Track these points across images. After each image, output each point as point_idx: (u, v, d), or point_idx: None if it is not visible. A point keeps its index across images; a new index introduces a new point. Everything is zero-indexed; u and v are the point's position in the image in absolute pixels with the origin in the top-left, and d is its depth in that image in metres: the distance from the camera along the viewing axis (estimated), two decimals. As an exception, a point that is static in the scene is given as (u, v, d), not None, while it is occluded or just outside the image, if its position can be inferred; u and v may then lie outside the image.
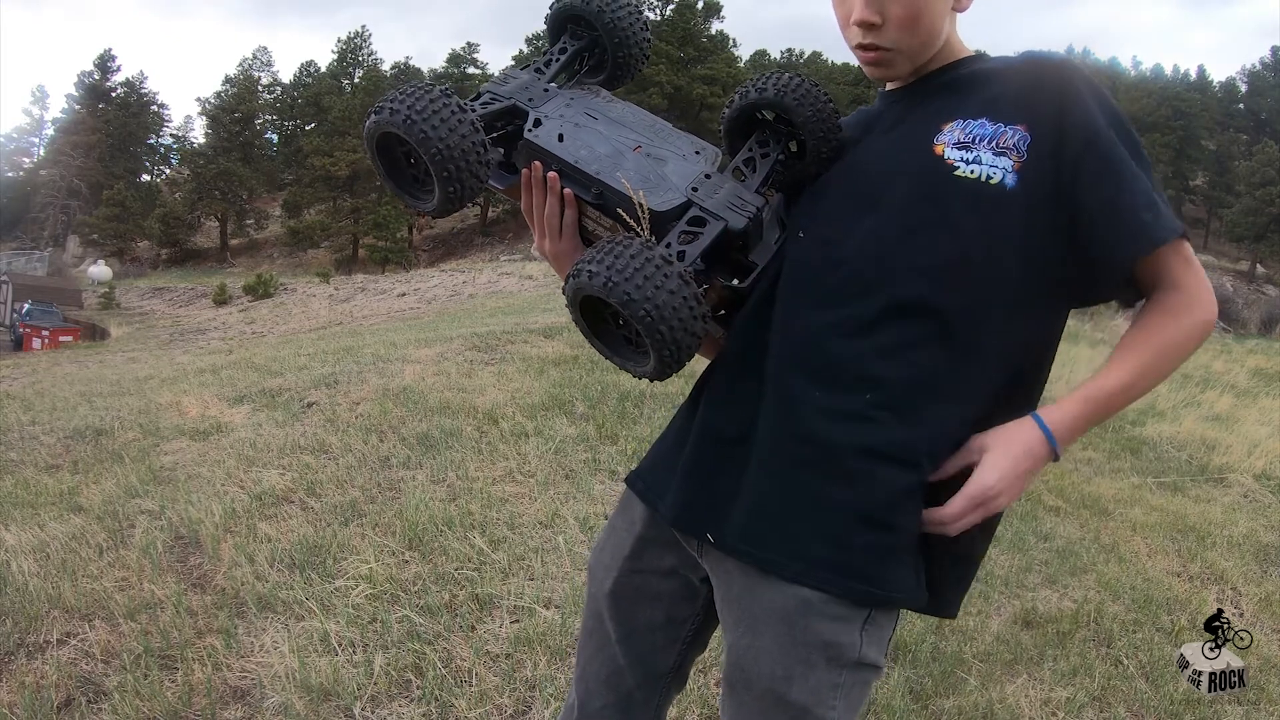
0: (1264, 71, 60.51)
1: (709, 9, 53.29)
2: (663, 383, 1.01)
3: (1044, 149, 0.94)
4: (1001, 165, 0.94)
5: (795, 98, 1.04)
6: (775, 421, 0.97)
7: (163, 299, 33.72)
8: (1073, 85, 0.95)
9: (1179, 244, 0.96)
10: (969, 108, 0.98)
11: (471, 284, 23.25)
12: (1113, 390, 0.97)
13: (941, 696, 2.30)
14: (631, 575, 1.12)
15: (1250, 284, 42.90)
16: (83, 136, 52.89)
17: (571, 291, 0.92)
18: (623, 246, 0.88)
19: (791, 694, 0.93)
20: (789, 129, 1.08)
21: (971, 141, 0.96)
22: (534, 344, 6.35)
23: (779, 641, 0.94)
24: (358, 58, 60.45)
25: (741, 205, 0.99)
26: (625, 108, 1.10)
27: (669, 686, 1.17)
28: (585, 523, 3.07)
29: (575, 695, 1.19)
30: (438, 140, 0.89)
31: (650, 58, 1.20)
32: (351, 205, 47.38)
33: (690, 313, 0.88)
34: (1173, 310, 0.97)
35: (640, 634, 1.13)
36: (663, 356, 0.89)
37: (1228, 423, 7.73)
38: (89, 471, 3.63)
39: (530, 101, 1.06)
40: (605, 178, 0.98)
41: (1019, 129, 0.95)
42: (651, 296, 0.85)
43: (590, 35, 1.14)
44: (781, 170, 1.10)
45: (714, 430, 1.04)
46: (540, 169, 1.03)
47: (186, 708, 1.94)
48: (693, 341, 0.90)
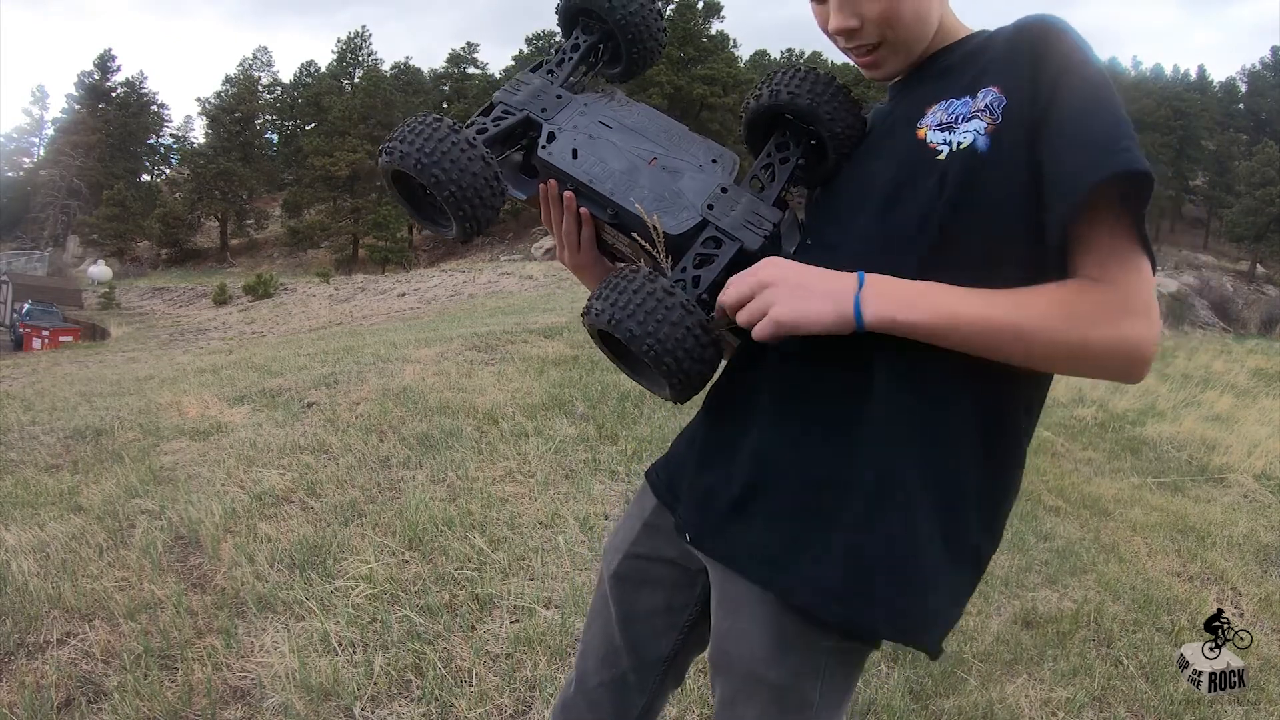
0: (1264, 71, 60.51)
1: (709, 9, 53.28)
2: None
3: (1017, 110, 0.86)
4: (973, 128, 0.88)
5: (809, 98, 1.00)
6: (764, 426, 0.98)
7: (163, 299, 33.74)
8: (1047, 42, 0.87)
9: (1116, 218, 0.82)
10: (954, 87, 0.93)
11: (471, 284, 23.26)
12: (971, 315, 0.83)
13: (941, 696, 2.30)
14: (635, 559, 1.15)
15: (1250, 284, 42.90)
16: (83, 136, 52.91)
17: (587, 325, 0.94)
18: (626, 281, 0.89)
19: (770, 674, 0.94)
20: (809, 127, 1.05)
21: (954, 121, 0.91)
22: (534, 344, 6.36)
23: (758, 623, 0.94)
24: (358, 58, 60.43)
25: (758, 222, 0.97)
26: (640, 111, 1.08)
27: (664, 676, 1.18)
28: (585, 523, 3.07)
29: (576, 670, 1.23)
30: (450, 183, 0.91)
31: (665, 46, 1.16)
32: (351, 205, 47.40)
33: (696, 342, 0.88)
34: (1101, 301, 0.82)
35: (640, 617, 1.15)
36: (673, 384, 0.91)
37: (1228, 423, 7.73)
38: (89, 471, 3.63)
39: (543, 112, 1.05)
40: (619, 199, 0.98)
41: (993, 90, 0.89)
42: (654, 331, 0.86)
43: (602, 28, 1.11)
44: (803, 171, 1.08)
45: (712, 433, 1.06)
46: (555, 188, 1.02)
47: (186, 708, 1.94)
48: (702, 368, 0.91)
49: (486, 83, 54.88)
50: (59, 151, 53.65)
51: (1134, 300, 0.82)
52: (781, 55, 61.83)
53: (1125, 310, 0.81)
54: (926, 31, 0.97)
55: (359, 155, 46.74)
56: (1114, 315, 0.81)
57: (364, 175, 47.02)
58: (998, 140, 0.87)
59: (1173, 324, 26.89)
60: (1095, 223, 0.82)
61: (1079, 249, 0.84)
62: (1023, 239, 0.86)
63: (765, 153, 1.06)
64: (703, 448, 1.05)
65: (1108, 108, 0.83)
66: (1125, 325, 0.81)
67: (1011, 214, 0.86)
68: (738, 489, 0.97)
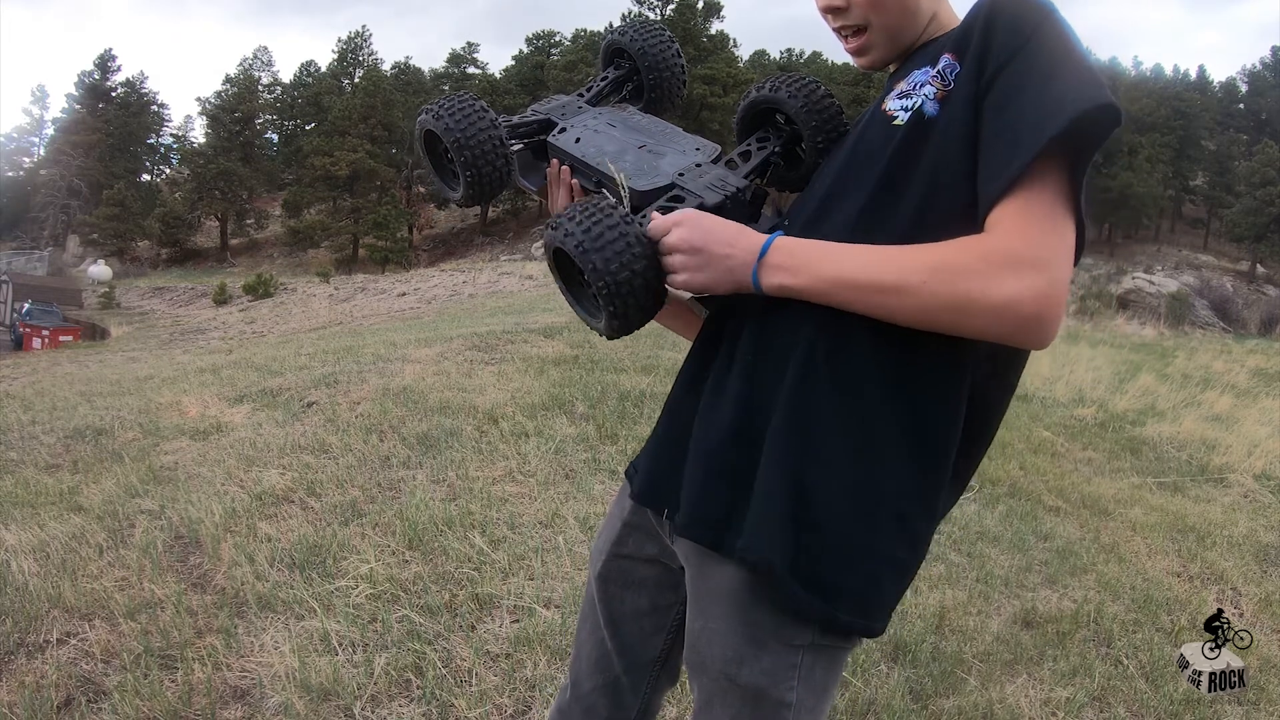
0: (1264, 71, 60.54)
1: (709, 9, 53.32)
2: (664, 382, 1.03)
3: (968, 74, 0.85)
4: (925, 94, 0.89)
5: (789, 91, 1.11)
6: (710, 391, 0.98)
7: (163, 299, 33.74)
8: (1003, 8, 0.85)
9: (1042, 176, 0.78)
10: (920, 62, 0.94)
11: (471, 284, 23.25)
12: (856, 277, 0.83)
13: (941, 696, 2.30)
14: (618, 560, 1.14)
15: (1250, 284, 42.90)
16: (83, 136, 52.91)
17: (545, 242, 1.00)
18: (592, 205, 0.95)
19: (742, 676, 0.91)
20: (792, 128, 1.13)
21: (912, 89, 0.91)
22: (534, 344, 6.35)
23: (729, 623, 0.92)
24: (358, 58, 60.48)
25: (721, 186, 1.04)
26: (647, 119, 1.21)
27: (657, 677, 1.17)
28: (585, 522, 3.07)
29: (569, 676, 1.22)
30: (457, 130, 1.06)
31: (686, 83, 1.33)
32: (351, 205, 47.40)
33: (642, 267, 0.92)
34: (982, 253, 0.79)
35: (626, 619, 1.15)
36: (611, 309, 0.94)
37: (1228, 423, 7.73)
38: (89, 471, 3.63)
39: (563, 116, 1.22)
40: (600, 166, 1.09)
41: (947, 56, 0.89)
42: (603, 248, 0.91)
43: (630, 65, 1.30)
44: (785, 166, 1.16)
45: (676, 409, 1.06)
46: (557, 166, 1.15)
47: (186, 708, 1.94)
48: (640, 296, 0.94)
49: (486, 82, 54.91)
50: (59, 151, 53.65)
51: (1022, 254, 0.77)
52: (781, 55, 61.89)
53: (1007, 264, 0.77)
54: (913, 22, 0.98)
55: (359, 155, 46.75)
56: (994, 268, 0.77)
57: (364, 175, 47.03)
58: (945, 106, 0.87)
59: (1173, 324, 26.88)
60: (1020, 182, 0.79)
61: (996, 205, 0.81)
62: (960, 204, 0.85)
63: (745, 143, 1.16)
64: (668, 425, 1.06)
65: (1054, 72, 0.80)
66: (1007, 279, 0.77)
67: (952, 178, 0.85)
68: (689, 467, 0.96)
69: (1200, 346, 18.26)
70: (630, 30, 1.28)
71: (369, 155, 47.54)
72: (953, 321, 0.81)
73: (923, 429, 0.88)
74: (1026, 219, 0.78)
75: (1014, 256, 0.77)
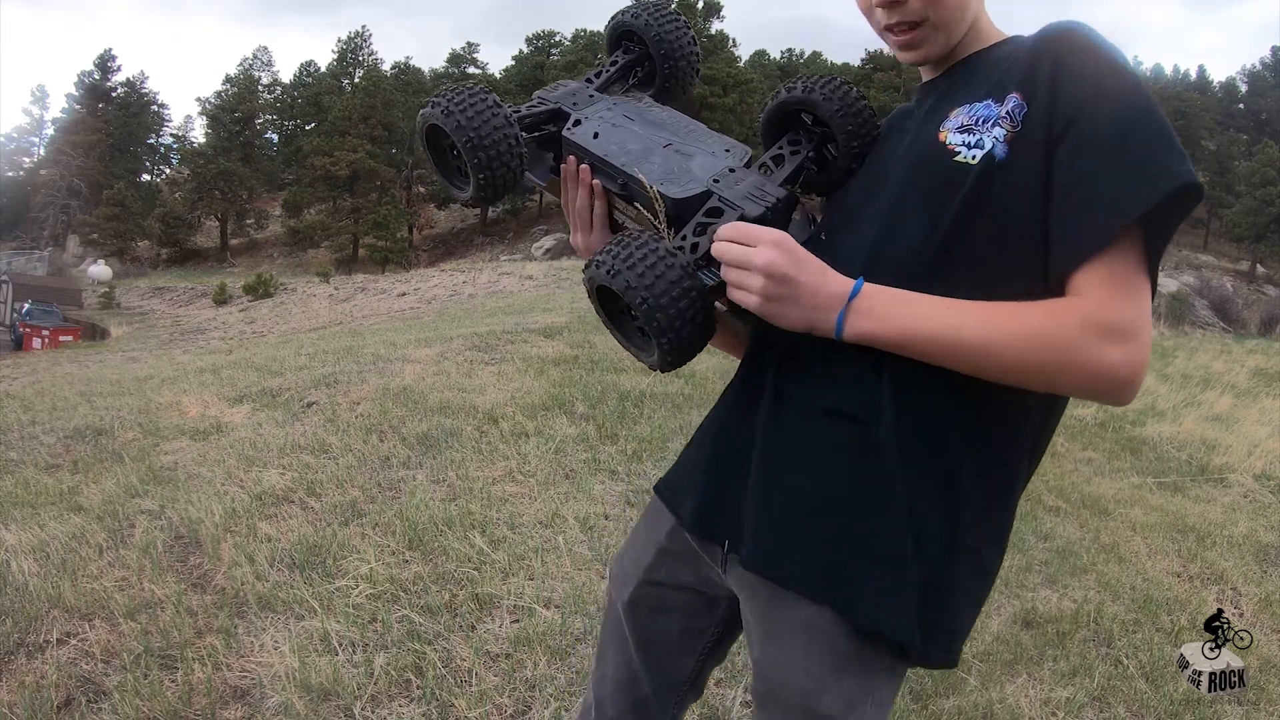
0: (1264, 71, 60.52)
1: (709, 9, 53.32)
2: (664, 382, 1.02)
3: (1036, 119, 0.85)
4: (994, 135, 0.87)
5: (824, 93, 1.04)
6: (769, 421, 0.96)
7: (163, 299, 33.74)
8: (1073, 50, 0.85)
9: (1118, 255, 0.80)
10: (978, 91, 0.92)
11: (471, 284, 23.23)
12: (941, 333, 0.83)
13: (941, 696, 2.30)
14: (649, 586, 1.11)
15: (1250, 284, 42.90)
16: (83, 136, 52.89)
17: (586, 280, 0.96)
18: (632, 239, 0.91)
19: (823, 704, 0.89)
20: (822, 129, 1.07)
21: (975, 124, 0.89)
22: (534, 344, 6.35)
23: (807, 651, 0.90)
24: (358, 58, 60.44)
25: (761, 196, 0.99)
26: (665, 112, 1.14)
27: (685, 695, 1.16)
28: (585, 522, 3.07)
29: (593, 695, 1.19)
30: (470, 129, 0.97)
31: (700, 71, 1.24)
32: (351, 205, 47.37)
33: (690, 303, 0.89)
34: (1080, 324, 0.79)
35: (658, 643, 1.12)
36: (661, 344, 0.91)
37: (1228, 423, 7.73)
38: (89, 471, 3.63)
39: (575, 105, 1.13)
40: (628, 169, 1.02)
41: (1015, 96, 0.87)
42: (651, 285, 0.88)
43: (640, 50, 1.20)
44: (815, 170, 1.10)
45: (728, 431, 1.02)
46: (574, 163, 1.07)
47: (186, 708, 1.94)
48: (691, 331, 0.91)
49: (486, 83, 54.80)
50: (59, 151, 53.63)
51: (1117, 324, 0.79)
52: (781, 55, 61.89)
53: (1106, 334, 0.79)
54: (966, 18, 0.97)
55: (359, 155, 46.73)
56: (1092, 340, 0.79)
57: (364, 175, 47.01)
58: (1015, 149, 0.85)
59: (1173, 324, 26.87)
60: (1105, 249, 0.80)
61: (1079, 268, 0.82)
62: (1030, 250, 0.85)
63: (777, 146, 1.09)
64: (720, 449, 1.02)
65: (1133, 130, 0.80)
66: (1105, 350, 0.79)
67: (1021, 225, 0.85)
68: (753, 493, 0.94)
69: (1200, 346, 18.25)
70: (643, 12, 1.18)
71: (369, 155, 47.52)
72: (1046, 383, 0.83)
73: (997, 466, 0.90)
74: (1115, 286, 0.80)
75: (1109, 326, 0.79)
